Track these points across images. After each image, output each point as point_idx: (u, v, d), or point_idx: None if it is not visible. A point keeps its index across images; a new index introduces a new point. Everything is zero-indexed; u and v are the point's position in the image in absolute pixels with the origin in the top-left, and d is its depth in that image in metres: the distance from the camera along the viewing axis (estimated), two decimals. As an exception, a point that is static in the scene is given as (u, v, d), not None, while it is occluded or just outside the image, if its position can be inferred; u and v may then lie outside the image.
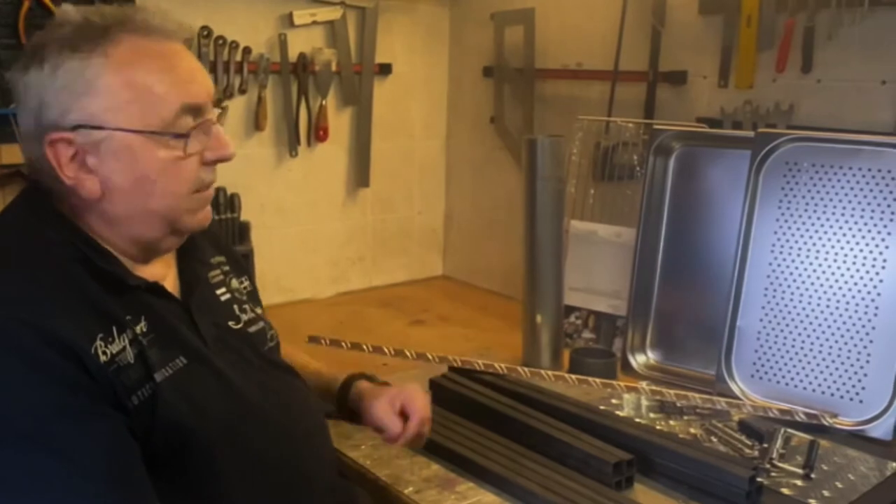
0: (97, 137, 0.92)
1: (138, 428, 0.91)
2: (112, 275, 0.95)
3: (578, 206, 2.07)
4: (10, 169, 1.96)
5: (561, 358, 1.91)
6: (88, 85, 0.91)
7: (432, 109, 2.71)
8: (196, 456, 0.96)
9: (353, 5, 2.42)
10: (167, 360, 0.95)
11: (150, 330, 0.95)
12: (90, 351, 0.87)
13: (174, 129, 0.95)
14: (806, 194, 1.60)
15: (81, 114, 0.91)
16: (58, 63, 0.91)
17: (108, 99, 0.91)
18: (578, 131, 2.07)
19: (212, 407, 0.98)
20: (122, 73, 0.92)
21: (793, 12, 1.82)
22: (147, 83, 0.93)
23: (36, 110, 0.92)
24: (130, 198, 0.95)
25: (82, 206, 0.96)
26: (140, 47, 0.93)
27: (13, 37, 1.92)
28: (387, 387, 1.31)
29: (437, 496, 1.31)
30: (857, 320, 1.55)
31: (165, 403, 0.93)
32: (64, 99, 0.91)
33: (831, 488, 1.34)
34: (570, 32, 2.33)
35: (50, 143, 0.91)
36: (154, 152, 0.94)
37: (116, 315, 0.92)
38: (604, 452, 1.34)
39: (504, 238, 2.47)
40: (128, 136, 0.92)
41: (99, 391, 0.87)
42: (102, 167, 0.93)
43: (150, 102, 0.93)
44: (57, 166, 0.92)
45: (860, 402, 1.54)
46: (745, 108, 1.92)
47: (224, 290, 1.13)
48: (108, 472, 0.86)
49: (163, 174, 0.95)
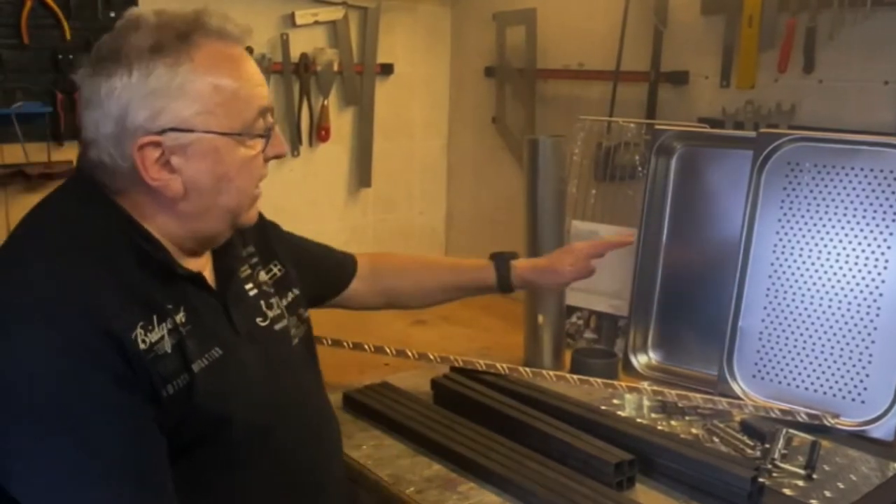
0: (186, 140, 0.95)
1: (170, 417, 0.93)
2: (160, 263, 0.98)
3: (580, 206, 2.07)
4: (10, 169, 1.96)
5: (562, 358, 1.91)
6: (179, 90, 0.94)
7: (434, 109, 2.71)
8: (221, 447, 0.99)
9: (355, 5, 2.42)
10: (204, 350, 0.98)
11: (188, 320, 0.97)
12: (131, 337, 0.90)
13: (253, 129, 0.99)
14: (808, 194, 1.60)
15: (172, 117, 0.94)
16: (147, 69, 0.93)
17: (199, 103, 0.95)
18: (580, 131, 2.07)
19: (242, 400, 1.01)
20: (208, 78, 0.95)
21: (794, 12, 1.82)
22: (231, 87, 0.97)
23: (120, 114, 0.93)
24: (208, 195, 0.99)
25: (152, 202, 0.98)
26: (218, 52, 0.97)
27: (15, 37, 1.92)
28: (545, 258, 1.61)
29: (439, 496, 1.31)
30: (859, 321, 1.55)
31: (201, 393, 0.95)
32: (153, 104, 0.93)
33: (833, 489, 1.34)
34: (572, 32, 2.33)
35: (140, 146, 0.93)
36: (236, 152, 0.99)
37: (158, 304, 0.95)
38: (605, 453, 1.34)
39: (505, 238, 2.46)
40: (215, 138, 0.96)
41: (135, 381, 0.89)
42: (187, 168, 0.96)
43: (235, 106, 0.97)
44: (142, 168, 0.94)
45: (862, 402, 1.54)
46: (746, 109, 1.92)
47: (251, 286, 1.14)
48: (127, 467, 0.88)
49: (239, 172, 1.00)
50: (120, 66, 0.93)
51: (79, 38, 2.00)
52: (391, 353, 1.75)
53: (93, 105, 0.95)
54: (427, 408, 1.57)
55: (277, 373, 1.10)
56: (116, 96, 0.93)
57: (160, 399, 0.92)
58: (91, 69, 0.95)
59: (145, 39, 0.94)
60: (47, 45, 1.96)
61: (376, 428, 1.52)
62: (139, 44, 0.93)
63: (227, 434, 0.99)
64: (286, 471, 1.07)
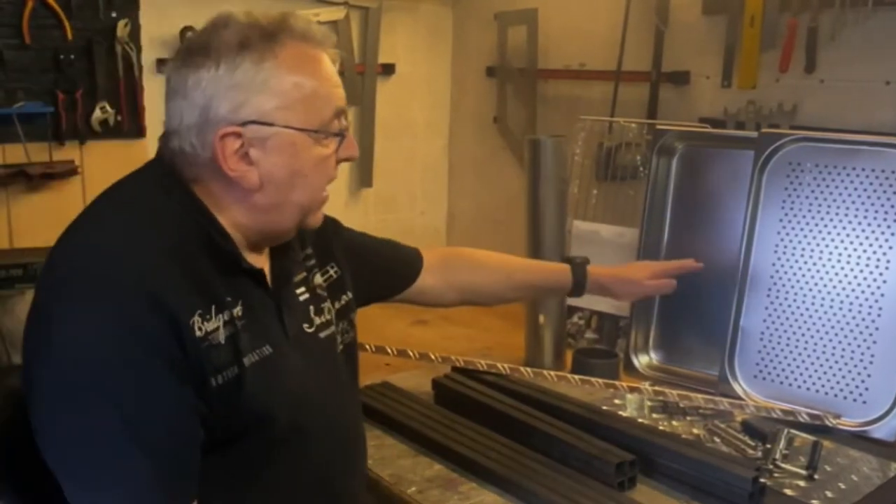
0: (265, 133, 0.98)
1: (215, 408, 0.94)
2: (227, 255, 1.00)
3: (581, 206, 2.07)
4: (12, 168, 1.97)
5: (564, 358, 1.91)
6: (263, 85, 0.97)
7: (435, 109, 2.71)
8: (258, 442, 1.00)
9: (357, 6, 2.42)
10: (255, 346, 1.00)
11: (244, 314, 0.99)
12: (188, 324, 0.91)
13: (329, 129, 1.02)
14: (809, 194, 1.60)
15: (253, 110, 0.97)
16: (234, 63, 0.96)
17: (280, 98, 0.97)
18: (581, 131, 2.07)
19: (284, 400, 1.03)
20: (291, 76, 0.98)
21: (796, 12, 1.82)
22: (312, 86, 0.99)
23: (204, 105, 0.96)
24: (281, 189, 1.01)
25: (228, 193, 1.01)
26: (302, 52, 1.00)
27: (17, 37, 1.92)
28: (624, 269, 1.63)
29: (440, 496, 1.31)
30: (860, 321, 1.54)
31: (248, 388, 0.97)
32: (237, 96, 0.96)
33: (834, 489, 1.34)
34: (573, 33, 2.33)
35: (222, 136, 0.96)
36: (311, 149, 1.01)
37: (219, 294, 0.97)
38: (606, 453, 1.34)
39: (507, 238, 2.47)
40: (293, 134, 0.99)
41: (186, 367, 0.91)
42: (265, 161, 0.99)
43: (314, 104, 1.00)
44: (222, 158, 0.97)
45: (863, 402, 1.54)
46: (748, 109, 1.92)
47: (304, 290, 1.15)
48: (163, 451, 0.89)
49: (313, 170, 1.02)
50: (208, 60, 0.96)
51: (80, 39, 2.00)
52: (392, 352, 1.75)
53: (179, 95, 0.98)
54: (428, 408, 1.57)
55: (317, 380, 1.11)
56: (203, 88, 0.96)
57: (209, 388, 0.94)
58: (180, 62, 0.99)
59: (234, 36, 0.97)
60: (49, 45, 1.97)
61: (377, 428, 1.52)
62: (228, 40, 0.97)
63: (265, 432, 1.01)
64: (313, 477, 1.09)
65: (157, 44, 2.17)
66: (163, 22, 2.16)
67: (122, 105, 2.08)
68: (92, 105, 2.05)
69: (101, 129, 2.07)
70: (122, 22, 2.04)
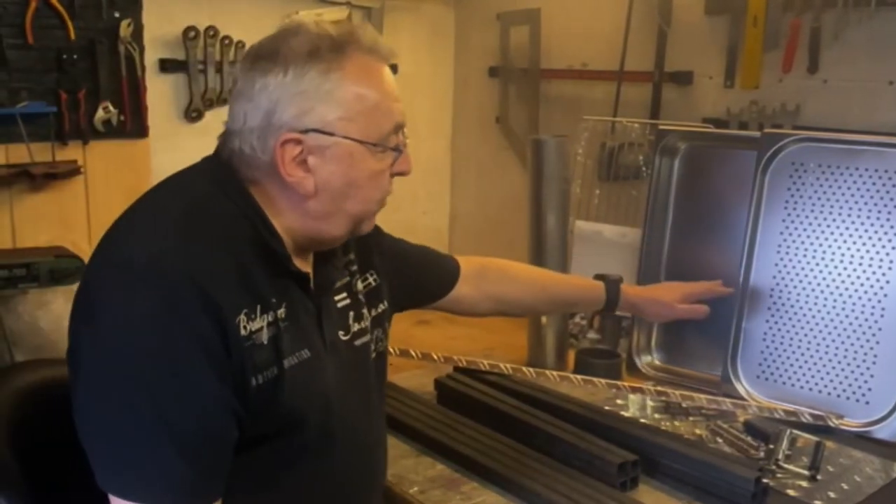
0: (326, 142, 0.99)
1: (252, 407, 0.95)
2: (277, 256, 1.01)
3: (584, 206, 2.07)
4: (15, 168, 1.97)
5: (566, 358, 1.91)
6: (328, 94, 0.98)
7: (437, 109, 2.71)
8: (285, 446, 1.01)
9: (359, 5, 2.42)
10: (295, 349, 1.01)
11: (287, 317, 1.00)
12: (234, 322, 0.92)
13: (387, 142, 1.04)
14: (812, 195, 1.60)
15: (316, 119, 0.98)
16: (302, 71, 0.97)
17: (343, 109, 0.99)
18: (584, 131, 2.07)
19: (318, 405, 1.04)
20: (355, 87, 1.00)
21: (799, 12, 1.81)
22: (374, 99, 1.02)
23: (269, 109, 0.98)
24: (335, 198, 1.03)
25: (282, 196, 1.02)
26: (367, 65, 1.01)
27: (20, 37, 1.92)
28: (656, 290, 1.67)
29: (442, 496, 1.31)
30: (863, 321, 1.54)
31: (286, 390, 0.98)
32: (301, 103, 0.97)
33: (837, 490, 1.33)
34: (576, 32, 2.33)
35: (283, 141, 0.97)
36: (368, 161, 1.03)
37: (265, 295, 0.97)
38: (609, 453, 1.34)
39: (509, 238, 2.47)
40: (352, 145, 1.00)
41: (228, 365, 0.92)
42: (322, 169, 1.00)
43: (374, 117, 1.02)
44: (281, 163, 0.98)
45: (866, 403, 1.53)
46: (750, 109, 1.92)
47: (344, 296, 1.16)
48: (194, 447, 0.90)
49: (368, 181, 1.04)
50: (276, 66, 0.98)
51: (83, 39, 2.00)
52: (395, 352, 1.75)
53: (244, 97, 0.99)
54: (430, 408, 1.57)
55: (349, 387, 1.12)
56: (269, 92, 0.98)
57: (248, 388, 0.94)
58: (249, 65, 1.00)
59: (303, 45, 0.99)
60: (52, 45, 1.97)
61: (380, 428, 1.52)
62: (297, 48, 0.98)
63: (295, 436, 1.02)
64: (334, 485, 1.09)
65: (159, 44, 2.17)
66: (165, 22, 2.16)
67: (124, 105, 2.08)
68: (95, 105, 2.05)
69: (104, 128, 2.07)
70: (125, 22, 2.04)
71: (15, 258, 1.84)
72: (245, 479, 0.99)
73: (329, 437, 1.06)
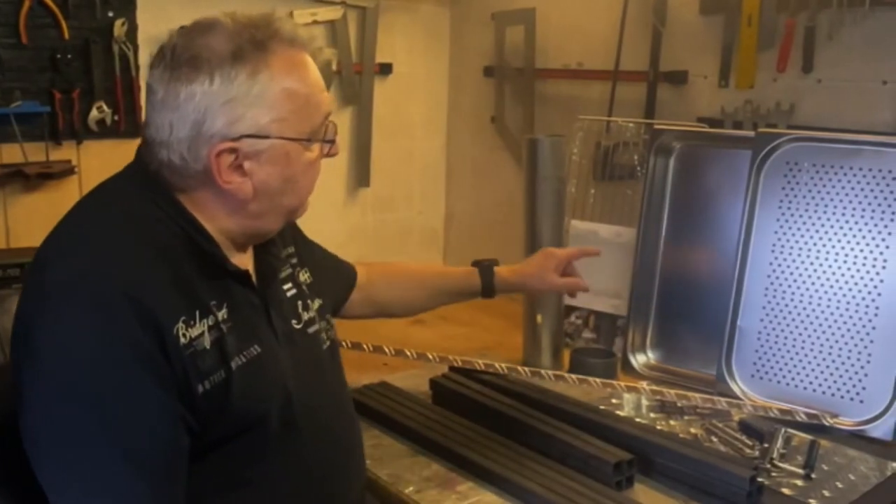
0: (261, 146, 0.97)
1: (203, 413, 0.94)
2: (212, 258, 1.00)
3: (579, 205, 2.07)
4: (9, 168, 1.96)
5: (561, 358, 1.91)
6: (257, 98, 0.96)
7: (433, 109, 2.71)
8: (250, 442, 1.00)
9: (354, 5, 2.42)
10: (243, 347, 1.00)
11: (230, 317, 0.99)
12: (172, 331, 0.91)
13: (318, 134, 1.03)
14: (806, 194, 1.60)
15: (249, 124, 0.96)
16: (228, 77, 0.94)
17: (275, 111, 0.97)
18: (579, 131, 2.07)
19: (275, 397, 1.03)
20: (282, 85, 0.97)
21: (793, 12, 1.82)
22: (302, 93, 0.99)
23: (197, 119, 0.95)
24: (273, 197, 1.02)
25: (217, 202, 1.00)
26: (290, 58, 0.99)
27: (14, 36, 1.92)
28: (528, 264, 1.60)
29: (438, 496, 1.31)
30: (857, 320, 1.55)
31: (236, 390, 0.97)
32: (232, 111, 0.95)
33: (832, 488, 1.34)
34: (571, 32, 2.33)
35: (218, 152, 0.95)
36: (303, 156, 1.02)
37: (202, 299, 0.96)
38: (604, 452, 1.34)
39: (504, 238, 2.47)
40: (287, 144, 0.99)
41: (171, 375, 0.91)
42: (259, 171, 0.99)
43: (306, 112, 1.00)
44: (216, 172, 0.96)
45: (860, 402, 1.54)
46: (745, 108, 1.92)
47: (290, 286, 1.15)
48: (146, 460, 0.89)
49: (303, 175, 1.04)
50: (201, 73, 0.94)
51: (77, 38, 2.00)
52: (390, 352, 1.75)
53: (168, 108, 0.96)
54: (426, 407, 1.57)
55: (308, 375, 1.11)
56: (196, 102, 0.94)
57: (195, 395, 0.93)
58: (168, 73, 0.96)
59: (224, 45, 0.95)
60: (46, 44, 1.96)
61: (375, 427, 1.52)
62: (219, 50, 0.95)
63: (257, 431, 1.01)
64: (306, 475, 1.08)
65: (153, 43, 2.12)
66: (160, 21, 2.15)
67: (118, 105, 2.07)
68: (89, 105, 2.04)
69: (98, 128, 2.06)
70: (118, 21, 2.04)
71: (8, 258, 1.83)
72: (216, 479, 0.98)
73: (292, 427, 1.05)
